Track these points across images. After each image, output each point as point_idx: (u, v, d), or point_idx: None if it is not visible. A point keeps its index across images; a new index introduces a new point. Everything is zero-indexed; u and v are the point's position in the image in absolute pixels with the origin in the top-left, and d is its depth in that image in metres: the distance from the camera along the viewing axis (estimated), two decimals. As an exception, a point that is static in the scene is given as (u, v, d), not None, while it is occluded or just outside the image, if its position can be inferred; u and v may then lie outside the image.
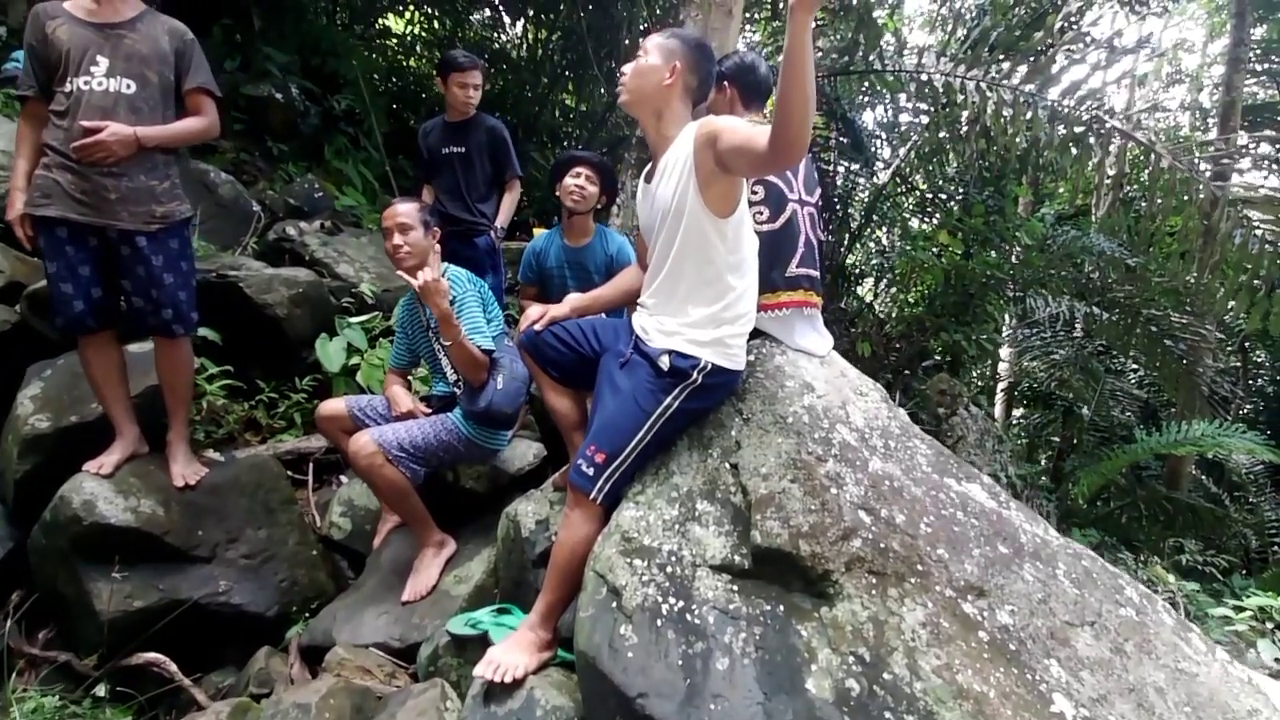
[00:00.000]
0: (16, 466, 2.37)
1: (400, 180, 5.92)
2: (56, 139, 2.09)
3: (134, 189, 2.14)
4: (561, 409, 2.05)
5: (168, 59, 2.23)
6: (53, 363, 2.69)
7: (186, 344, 2.36)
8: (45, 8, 2.14)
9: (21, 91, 2.16)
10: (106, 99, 2.10)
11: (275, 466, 2.60)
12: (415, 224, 2.31)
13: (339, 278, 3.68)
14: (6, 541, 2.46)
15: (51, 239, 2.11)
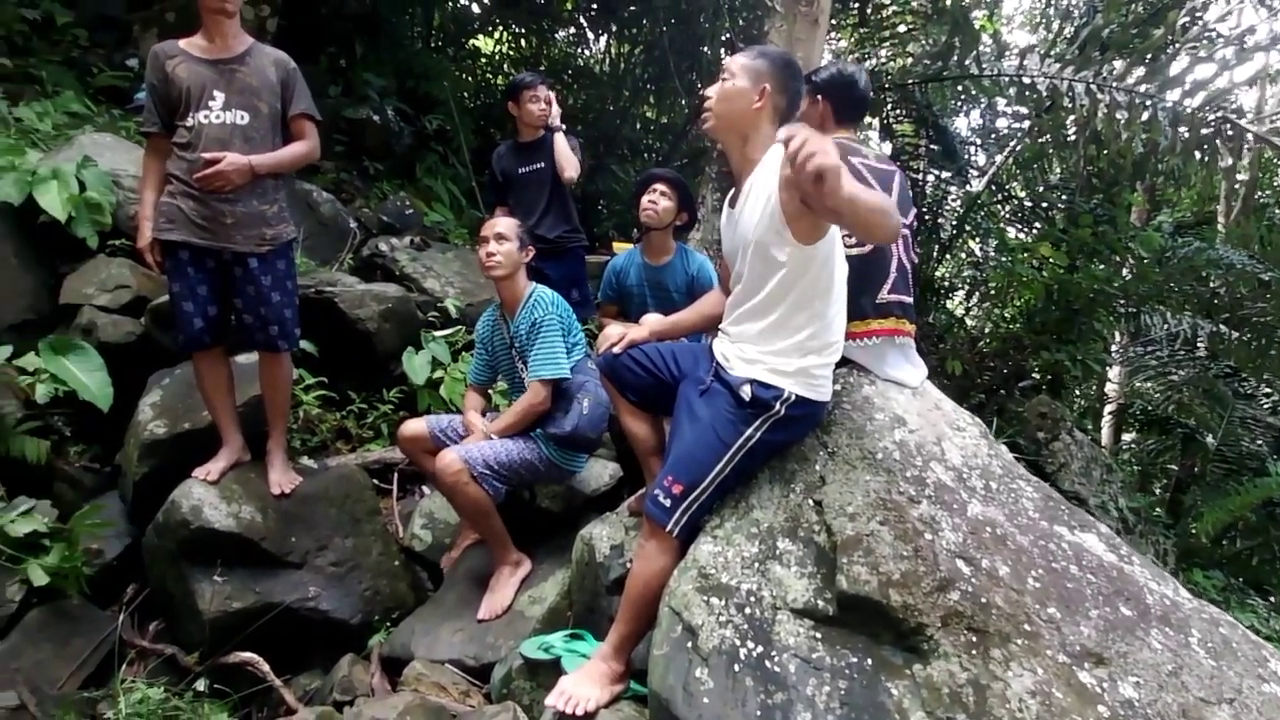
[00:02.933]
0: (136, 469, 2.56)
1: (485, 195, 6.12)
2: (180, 169, 2.25)
3: (247, 213, 2.29)
4: (639, 434, 2.02)
5: (275, 89, 2.37)
6: (170, 372, 2.90)
7: (288, 359, 2.50)
8: (163, 48, 2.31)
9: (146, 129, 2.34)
10: (223, 130, 2.25)
11: (362, 478, 2.69)
12: (513, 236, 2.36)
13: (426, 292, 3.81)
14: (125, 537, 2.67)
15: (175, 261, 2.28)
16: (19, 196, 3.02)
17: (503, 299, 2.46)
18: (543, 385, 2.30)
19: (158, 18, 5.56)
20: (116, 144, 3.61)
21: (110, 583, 2.60)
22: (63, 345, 2.83)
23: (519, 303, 2.41)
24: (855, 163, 1.92)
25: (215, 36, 2.29)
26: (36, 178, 3.08)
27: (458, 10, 9.28)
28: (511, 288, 2.41)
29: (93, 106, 4.28)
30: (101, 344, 2.92)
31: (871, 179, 1.92)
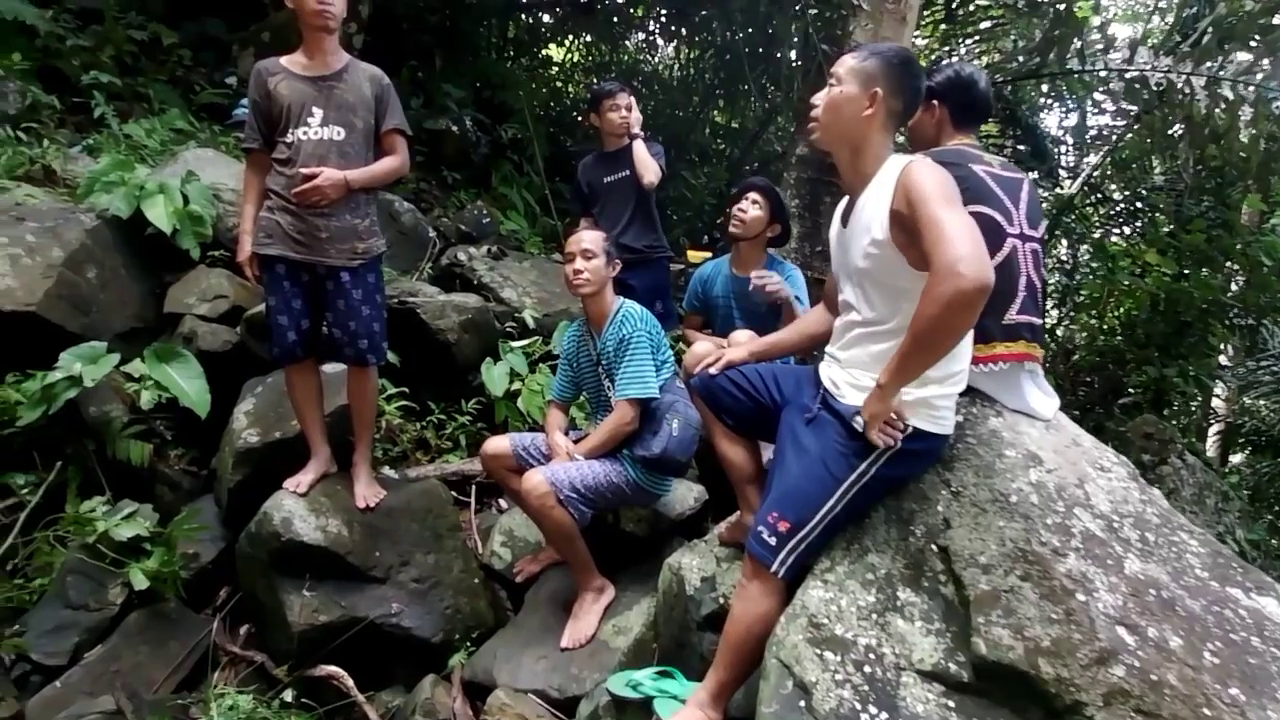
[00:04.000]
0: (230, 476, 2.62)
1: (558, 203, 6.13)
2: (279, 185, 2.28)
3: (341, 228, 2.30)
4: (735, 460, 1.90)
5: (370, 104, 2.37)
6: (263, 380, 2.97)
7: (374, 372, 2.51)
8: (265, 65, 2.35)
9: (247, 145, 2.39)
10: (320, 146, 2.27)
11: (443, 493, 2.68)
12: (599, 252, 2.29)
13: (503, 302, 3.80)
14: (219, 541, 2.74)
15: (272, 275, 2.32)
16: (128, 210, 3.17)
17: (589, 315, 2.39)
18: (631, 405, 2.21)
19: (254, 37, 5.82)
20: (217, 159, 3.76)
21: (204, 586, 2.67)
22: (166, 353, 2.94)
23: (606, 319, 2.33)
24: (979, 171, 1.75)
25: (316, 53, 2.32)
26: (145, 192, 3.22)
27: (532, 21, 9.40)
28: (599, 303, 2.34)
29: (196, 123, 4.48)
30: (201, 352, 3.02)
31: (998, 188, 1.75)
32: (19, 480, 2.63)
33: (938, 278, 1.31)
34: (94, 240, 3.05)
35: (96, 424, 2.79)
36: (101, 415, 2.80)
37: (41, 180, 3.52)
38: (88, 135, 4.04)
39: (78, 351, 2.70)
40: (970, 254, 1.30)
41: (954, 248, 1.30)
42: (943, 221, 1.35)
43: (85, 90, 4.31)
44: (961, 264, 1.28)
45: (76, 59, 4.52)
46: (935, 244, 1.34)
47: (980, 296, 1.30)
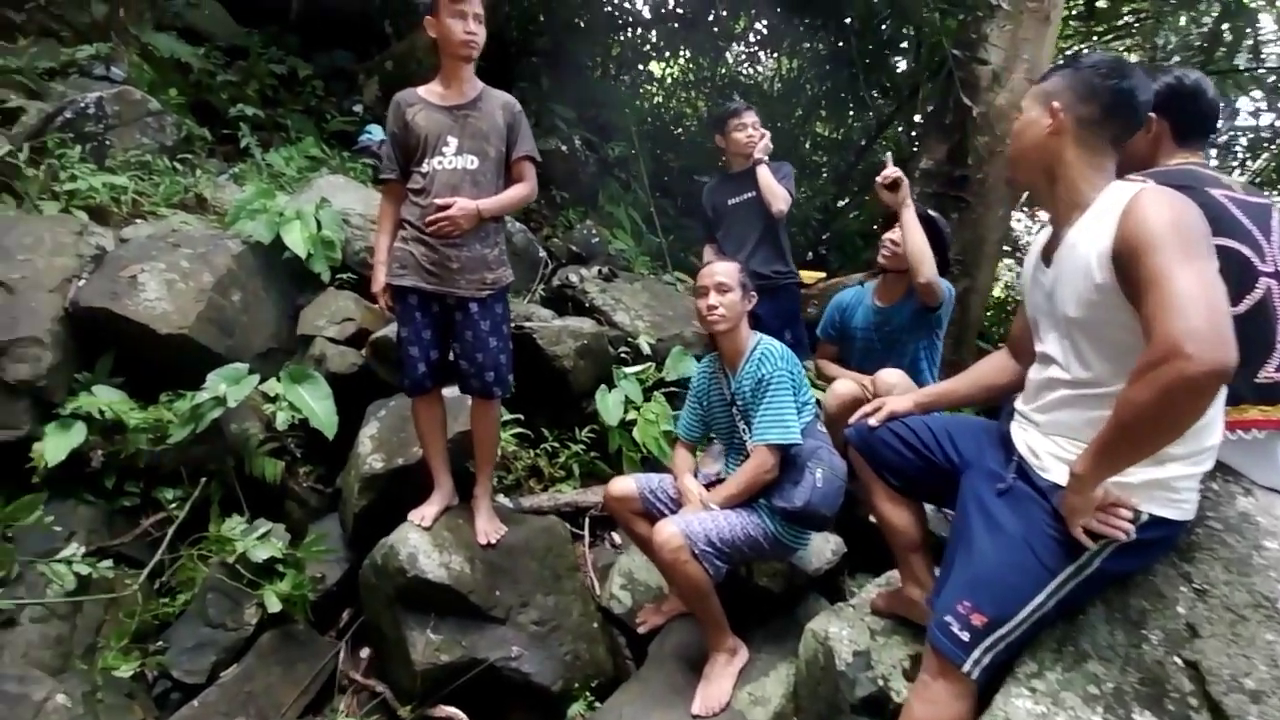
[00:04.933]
0: (356, 501, 2.64)
1: (662, 220, 6.05)
2: (414, 215, 2.28)
3: (471, 258, 2.27)
4: (898, 524, 1.68)
5: (502, 132, 2.34)
6: (386, 403, 3.01)
7: (498, 404, 2.45)
8: (403, 96, 2.36)
9: (384, 175, 2.39)
10: (454, 176, 2.24)
11: (562, 530, 2.59)
12: (734, 285, 2.14)
13: (616, 326, 3.71)
14: (343, 563, 2.77)
15: (405, 306, 2.31)
16: (270, 235, 3.31)
17: (723, 351, 2.24)
18: (770, 452, 2.03)
19: (379, 66, 6.10)
20: (347, 185, 3.90)
21: (329, 607, 2.71)
22: (298, 374, 3.03)
23: (741, 356, 2.17)
24: (1219, 197, 1.46)
25: (453, 82, 2.30)
26: (283, 218, 3.36)
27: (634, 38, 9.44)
28: (734, 340, 2.18)
29: (327, 150, 4.70)
30: (329, 373, 3.10)
31: (1243, 216, 1.45)
32: (168, 495, 2.76)
33: (1157, 354, 1.06)
34: (239, 265, 3.20)
35: (236, 441, 2.90)
36: (241, 433, 2.91)
37: (194, 207, 3.77)
38: (234, 164, 4.31)
39: (223, 373, 2.81)
40: (1204, 328, 1.04)
41: (1181, 318, 1.05)
42: (1171, 279, 1.09)
43: (232, 122, 4.62)
44: (1190, 340, 1.03)
45: (225, 93, 4.87)
46: (1158, 310, 1.09)
47: (1214, 383, 1.04)
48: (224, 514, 2.81)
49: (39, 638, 2.08)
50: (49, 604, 2.17)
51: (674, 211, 6.77)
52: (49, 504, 2.52)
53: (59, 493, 2.57)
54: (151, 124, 3.95)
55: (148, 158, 3.82)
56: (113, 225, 3.39)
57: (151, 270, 2.90)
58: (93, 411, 2.61)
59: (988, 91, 4.65)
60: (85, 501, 2.60)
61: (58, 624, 2.17)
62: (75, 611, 2.24)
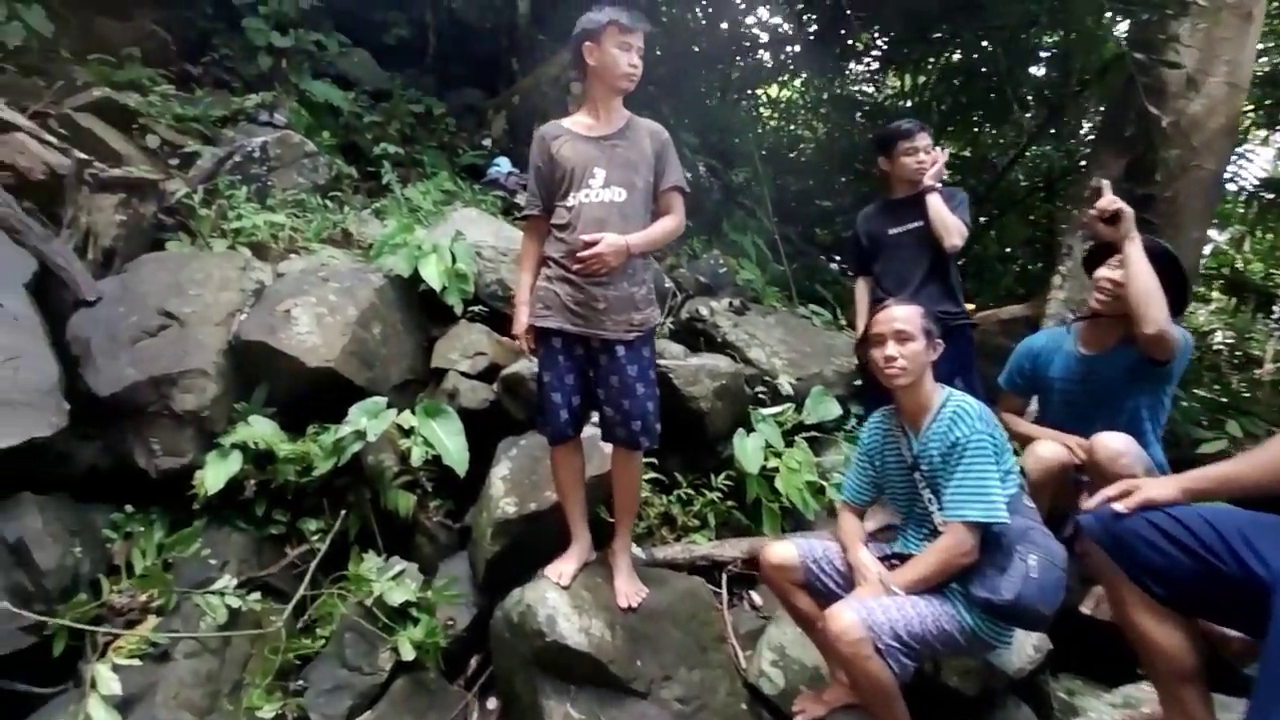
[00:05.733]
0: (489, 546, 2.54)
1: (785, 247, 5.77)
2: (558, 252, 2.16)
3: (619, 297, 2.12)
4: (1165, 646, 1.33)
5: (650, 162, 2.20)
6: (517, 442, 2.92)
7: (641, 454, 2.28)
8: (548, 129, 2.26)
9: (527, 211, 2.30)
10: (601, 209, 2.12)
11: (707, 595, 2.37)
12: (917, 332, 1.86)
13: (751, 363, 3.48)
14: (472, 607, 2.68)
15: (548, 349, 2.19)
16: (409, 269, 3.36)
17: (902, 407, 1.94)
18: (969, 531, 1.71)
19: (506, 102, 6.28)
20: (480, 218, 3.94)
21: (459, 653, 2.62)
22: (432, 409, 3.01)
23: (926, 413, 1.87)
24: None
25: (602, 113, 2.19)
26: (421, 252, 3.41)
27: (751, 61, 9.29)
28: (916, 395, 1.89)
29: (460, 184, 4.82)
30: (461, 409, 3.07)
31: None
32: (311, 526, 2.79)
33: None
34: (380, 298, 3.25)
35: (373, 473, 2.90)
36: (377, 464, 2.91)
37: (341, 242, 3.93)
38: (375, 200, 4.50)
39: (363, 406, 2.83)
40: None
41: None
42: None
43: (375, 160, 4.84)
44: None
45: (369, 133, 5.13)
46: None
47: None
48: (360, 547, 2.81)
49: (190, 675, 2.09)
50: (201, 638, 2.19)
51: (796, 239, 6.48)
52: (206, 529, 2.61)
53: (215, 519, 2.65)
54: (307, 164, 4.19)
55: (302, 196, 4.04)
56: (270, 260, 3.57)
57: (303, 304, 2.99)
58: (248, 442, 2.68)
59: (1178, 98, 4.07)
60: (238, 529, 2.67)
61: (209, 659, 2.19)
62: (225, 646, 2.26)
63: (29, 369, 2.48)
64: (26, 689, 2.05)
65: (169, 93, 4.40)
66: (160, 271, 3.05)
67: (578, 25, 2.14)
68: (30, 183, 3.26)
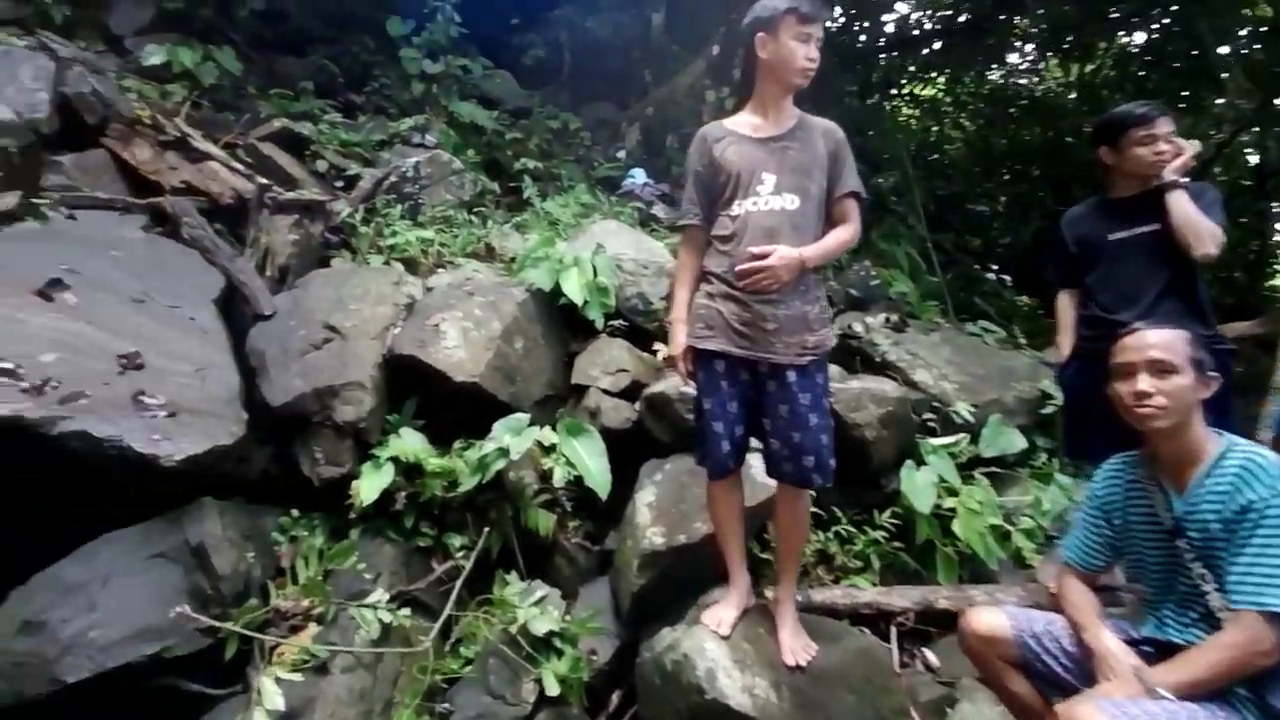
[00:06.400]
0: (634, 578, 2.39)
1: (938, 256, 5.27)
2: (720, 266, 1.97)
3: (790, 317, 1.89)
4: None
5: (824, 165, 1.96)
6: (662, 465, 2.76)
7: (809, 494, 2.03)
8: (709, 131, 2.07)
9: (685, 221, 2.11)
10: (770, 218, 1.90)
11: (884, 657, 2.08)
12: (1181, 364, 1.48)
13: (916, 386, 3.12)
14: (614, 639, 2.54)
15: (709, 373, 1.99)
16: (550, 283, 3.32)
17: (1159, 455, 1.56)
18: (1269, 624, 1.32)
19: (640, 113, 6.25)
20: (619, 229, 3.86)
21: (600, 687, 2.48)
22: (574, 428, 2.93)
23: (1195, 466, 1.48)
24: None
25: (770, 112, 1.98)
26: (562, 265, 3.36)
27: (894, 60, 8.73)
28: (1178, 442, 1.50)
29: (598, 196, 4.80)
30: (603, 428, 2.97)
31: None
32: (456, 542, 2.77)
33: None
34: (522, 312, 3.23)
35: (514, 490, 2.85)
36: (518, 482, 2.86)
37: (484, 256, 3.99)
38: (516, 214, 4.56)
39: (507, 423, 2.79)
40: None
41: None
42: None
43: (516, 175, 4.94)
44: None
45: (510, 150, 5.25)
46: None
47: None
48: (502, 567, 2.77)
49: (346, 691, 2.09)
50: (357, 653, 2.19)
51: (949, 247, 5.92)
52: (360, 538, 2.66)
53: (369, 529, 2.69)
54: (454, 181, 4.32)
55: (450, 212, 4.16)
56: (420, 275, 3.67)
57: (450, 318, 3.01)
58: (399, 455, 2.71)
59: None
60: (389, 539, 2.69)
61: (363, 675, 2.18)
62: (377, 662, 2.25)
63: (215, 380, 2.64)
64: (200, 690, 2.13)
65: (336, 120, 4.72)
66: (326, 287, 3.19)
67: (749, 14, 1.95)
68: (220, 206, 3.56)
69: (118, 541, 2.20)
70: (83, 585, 2.09)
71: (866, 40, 8.01)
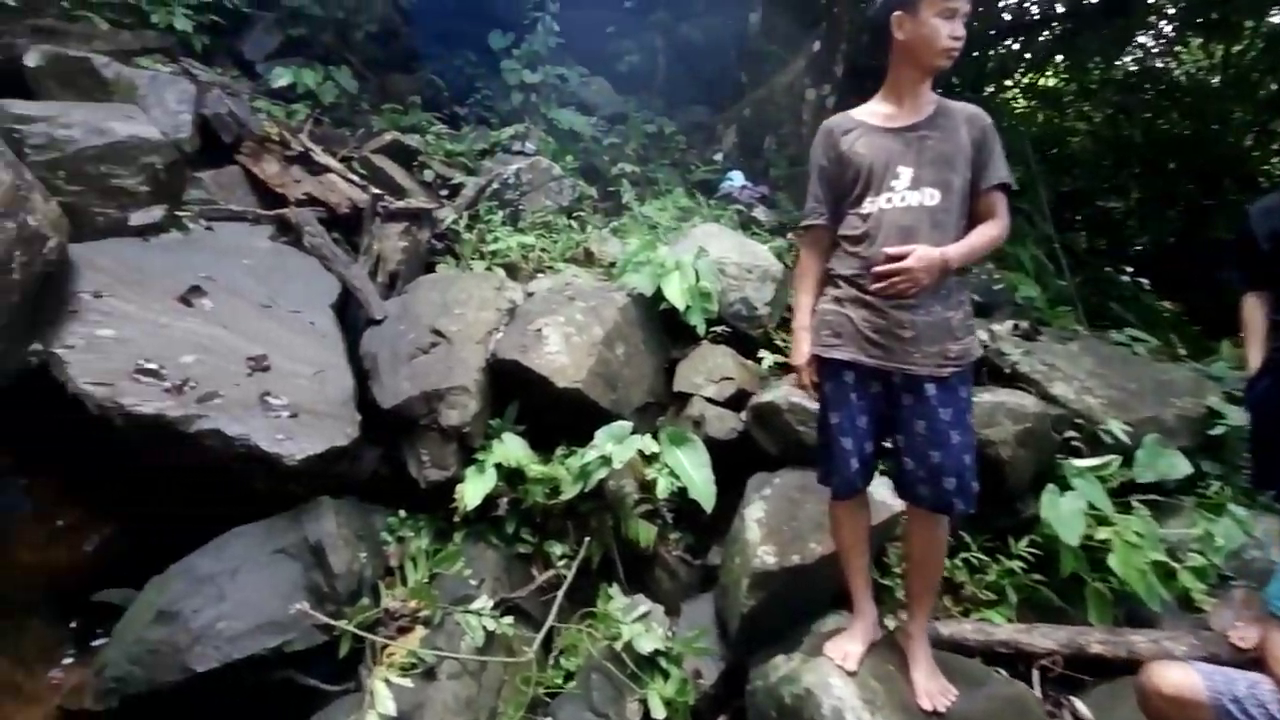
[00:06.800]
0: (744, 599, 2.26)
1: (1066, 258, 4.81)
2: (849, 268, 1.81)
3: (931, 324, 1.72)
4: None
5: (968, 155, 1.77)
6: (770, 479, 2.62)
7: (948, 520, 1.83)
8: (836, 122, 1.92)
9: (809, 221, 1.95)
10: (908, 216, 1.73)
11: (1036, 708, 1.84)
12: None
13: (1054, 400, 2.80)
14: (720, 662, 2.43)
15: (837, 384, 1.83)
16: (652, 288, 3.24)
17: None
18: None
19: (737, 115, 6.11)
20: (720, 232, 3.73)
21: (706, 711, 2.37)
22: (677, 437, 2.83)
23: None
24: None
25: (905, 98, 1.80)
26: (664, 269, 3.27)
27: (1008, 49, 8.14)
28: None
29: (698, 199, 4.71)
30: (708, 438, 2.86)
31: None
32: (556, 550, 2.74)
33: None
34: (623, 317, 3.16)
35: (614, 499, 2.79)
36: (618, 491, 2.79)
37: (583, 261, 3.97)
38: (613, 219, 4.53)
39: (609, 431, 2.73)
40: None
41: None
42: None
43: (612, 180, 4.92)
44: None
45: (606, 155, 5.24)
46: None
47: None
48: (602, 578, 2.71)
49: (453, 698, 2.08)
50: (463, 659, 2.18)
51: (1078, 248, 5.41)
52: (463, 542, 2.67)
53: (471, 533, 2.70)
54: (554, 187, 4.34)
55: (549, 218, 4.17)
56: (521, 280, 3.69)
57: (552, 323, 2.99)
58: (502, 460, 2.70)
59: None
60: (491, 545, 2.69)
61: (469, 682, 2.17)
62: (481, 670, 2.23)
63: (332, 382, 2.73)
64: (316, 685, 2.18)
65: (442, 132, 4.88)
66: (432, 292, 3.25)
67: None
68: (337, 216, 3.73)
69: (245, 536, 2.29)
70: (213, 577, 2.18)
71: (979, 26, 7.50)
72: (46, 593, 2.26)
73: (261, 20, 5.21)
